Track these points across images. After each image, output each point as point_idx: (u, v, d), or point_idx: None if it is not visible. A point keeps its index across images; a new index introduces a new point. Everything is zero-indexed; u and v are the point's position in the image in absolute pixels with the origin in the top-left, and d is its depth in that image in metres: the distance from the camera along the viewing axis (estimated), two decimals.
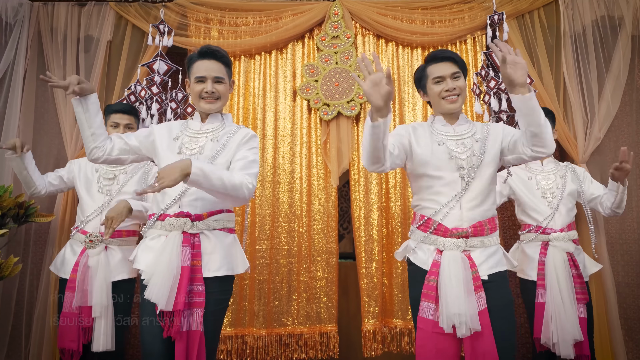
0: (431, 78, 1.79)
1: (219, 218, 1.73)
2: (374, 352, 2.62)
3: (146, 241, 1.70)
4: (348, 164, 2.82)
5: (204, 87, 1.76)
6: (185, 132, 1.80)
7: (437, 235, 1.69)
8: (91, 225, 2.22)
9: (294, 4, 2.96)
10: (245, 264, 1.78)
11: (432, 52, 1.87)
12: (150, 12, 2.93)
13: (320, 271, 2.74)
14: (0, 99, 2.70)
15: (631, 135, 2.93)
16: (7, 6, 2.75)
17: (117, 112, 2.38)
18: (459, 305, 1.57)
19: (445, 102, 1.77)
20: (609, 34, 2.92)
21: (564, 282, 2.25)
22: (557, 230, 2.37)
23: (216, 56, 1.78)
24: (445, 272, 1.62)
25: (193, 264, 1.62)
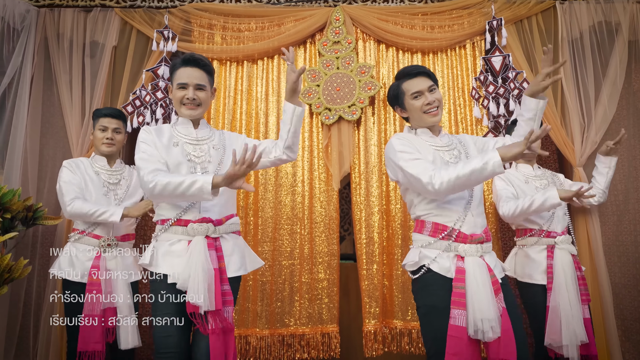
0: (409, 94, 1.84)
1: (233, 222, 1.84)
2: (374, 352, 2.66)
3: (165, 246, 1.74)
4: (349, 167, 2.87)
5: (186, 94, 1.82)
6: (182, 138, 1.85)
7: (458, 242, 1.74)
8: (102, 229, 2.27)
9: (296, 10, 3.01)
10: (256, 262, 1.91)
11: (403, 68, 1.94)
12: (154, 18, 2.98)
13: (322, 273, 2.79)
14: (9, 103, 2.74)
15: (628, 138, 2.97)
16: (14, 13, 2.80)
17: (105, 116, 2.42)
18: (486, 310, 1.62)
19: (427, 116, 1.84)
20: (606, 39, 2.97)
21: (572, 284, 2.30)
22: (560, 233, 2.42)
23: (199, 64, 1.84)
24: (471, 278, 1.67)
25: (220, 266, 1.72)
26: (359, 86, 2.87)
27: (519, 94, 2.83)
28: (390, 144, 1.84)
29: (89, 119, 2.82)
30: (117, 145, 2.43)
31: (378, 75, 2.97)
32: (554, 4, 3.00)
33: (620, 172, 2.93)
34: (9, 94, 2.76)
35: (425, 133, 1.88)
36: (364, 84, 2.88)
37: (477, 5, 2.99)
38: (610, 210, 2.92)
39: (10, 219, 2.34)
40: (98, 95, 2.85)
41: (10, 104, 2.75)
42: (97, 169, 2.37)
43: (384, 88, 2.95)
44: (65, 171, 2.33)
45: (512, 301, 1.75)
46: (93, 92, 2.86)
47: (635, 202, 2.91)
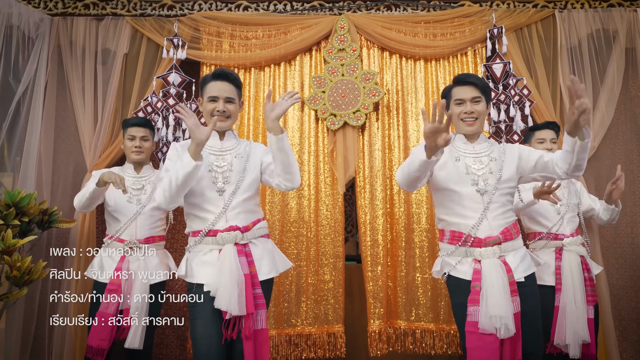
0: (453, 99, 1.94)
1: (260, 226, 1.92)
2: (379, 352, 2.74)
3: (199, 256, 1.84)
4: (354, 172, 2.94)
5: (216, 106, 1.91)
6: (208, 150, 1.93)
7: (474, 247, 1.83)
8: (126, 233, 2.38)
9: (302, 18, 3.09)
10: (286, 263, 2.00)
11: (458, 75, 2.02)
12: (164, 26, 3.06)
13: (327, 274, 2.86)
14: (23, 109, 2.82)
15: (626, 143, 3.06)
16: (29, 21, 2.87)
17: (133, 125, 2.55)
18: (499, 307, 1.70)
19: (462, 124, 1.92)
20: (604, 46, 3.04)
21: (578, 285, 2.37)
22: (568, 235, 2.48)
23: (228, 78, 1.94)
24: (486, 277, 1.76)
25: (251, 271, 1.79)
26: (363, 92, 2.95)
27: (519, 100, 2.91)
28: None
29: (101, 125, 2.91)
30: (145, 152, 2.55)
31: (382, 81, 3.05)
32: (553, 13, 3.08)
33: None
34: (23, 101, 2.83)
35: (460, 139, 1.97)
36: (368, 90, 2.96)
37: (478, 13, 3.07)
38: None
39: (27, 223, 2.41)
40: (110, 102, 2.93)
41: (25, 110, 2.82)
42: (125, 176, 2.47)
43: (387, 94, 3.03)
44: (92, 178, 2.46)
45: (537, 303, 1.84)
46: (105, 99, 2.94)
47: (632, 205, 2.99)
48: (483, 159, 1.90)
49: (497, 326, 1.68)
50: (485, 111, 1.95)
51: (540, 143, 2.58)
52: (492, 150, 1.93)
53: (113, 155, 2.88)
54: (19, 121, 2.81)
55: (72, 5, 3.08)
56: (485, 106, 1.93)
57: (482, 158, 1.90)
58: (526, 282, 1.82)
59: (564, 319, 2.33)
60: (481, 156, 1.91)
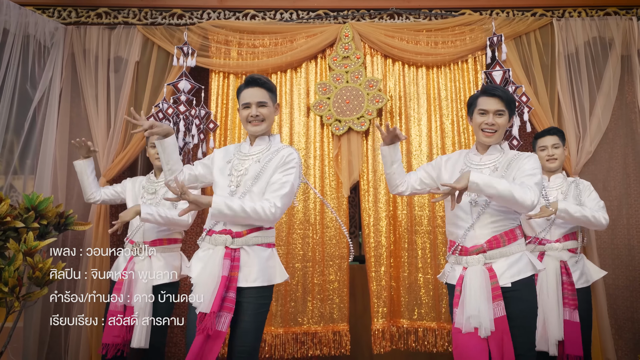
0: (477, 109, 1.99)
1: (257, 235, 1.93)
2: (382, 350, 2.84)
3: (199, 253, 1.95)
4: (358, 176, 3.04)
5: (250, 112, 1.98)
6: (237, 155, 2.03)
7: (462, 255, 1.93)
8: (137, 235, 2.49)
9: (308, 27, 3.19)
10: (284, 275, 1.96)
11: (486, 85, 2.13)
12: (174, 34, 3.16)
13: (332, 274, 2.96)
14: (39, 115, 2.92)
15: (622, 147, 3.15)
16: (45, 31, 2.98)
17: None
18: (474, 308, 1.79)
19: (482, 134, 1.98)
20: (600, 54, 3.14)
21: (554, 288, 2.46)
22: (552, 241, 2.57)
23: (259, 83, 2.00)
24: (466, 283, 1.86)
25: (231, 275, 1.84)
26: (367, 99, 3.05)
27: (518, 106, 3.00)
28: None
29: (114, 131, 3.01)
30: None
31: (385, 88, 3.15)
32: (551, 21, 3.18)
33: (615, 180, 3.11)
34: (39, 107, 2.93)
35: (473, 150, 2.08)
36: (372, 96, 3.06)
37: (479, 22, 3.17)
38: None
39: (45, 225, 2.51)
40: (122, 108, 3.03)
41: (41, 116, 2.93)
42: (144, 182, 2.64)
43: (390, 100, 3.13)
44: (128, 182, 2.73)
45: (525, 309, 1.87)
46: (117, 105, 3.04)
47: (628, 207, 3.08)
48: (485, 171, 1.96)
49: (474, 325, 1.77)
50: (506, 125, 1.98)
51: (542, 150, 2.66)
52: (500, 162, 1.98)
53: (125, 160, 2.99)
54: (35, 127, 2.91)
55: (85, 15, 3.19)
56: (507, 120, 1.97)
57: (484, 170, 1.97)
58: (514, 287, 1.86)
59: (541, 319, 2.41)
60: (483, 168, 1.98)
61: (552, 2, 3.22)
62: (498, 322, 1.78)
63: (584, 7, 3.23)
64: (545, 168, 2.62)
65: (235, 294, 1.83)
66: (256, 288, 1.88)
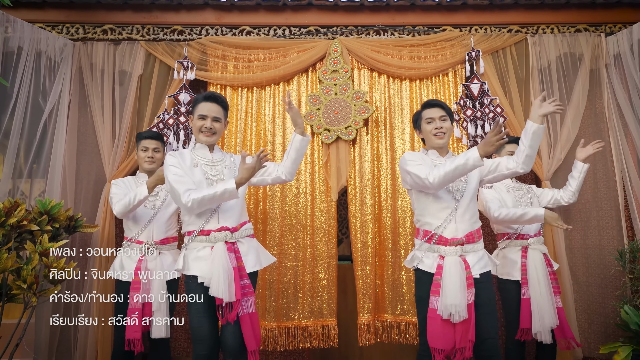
0: (424, 119, 2.33)
1: (247, 227, 2.25)
2: (367, 342, 3.07)
3: (193, 253, 2.15)
4: (346, 181, 3.27)
5: (204, 124, 2.25)
6: (200, 160, 2.27)
7: (439, 244, 2.18)
8: (144, 235, 2.68)
9: (299, 42, 3.42)
10: (269, 259, 2.31)
11: (427, 100, 2.44)
12: (175, 49, 3.39)
13: (322, 273, 3.19)
14: (50, 126, 3.14)
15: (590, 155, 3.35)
16: (55, 47, 3.20)
17: (146, 138, 2.85)
18: (455, 297, 2.04)
19: (434, 138, 2.31)
20: (571, 68, 3.37)
21: (543, 278, 2.69)
22: (533, 235, 2.82)
23: (217, 100, 2.29)
24: (447, 272, 2.11)
25: (239, 265, 2.11)
26: (354, 110, 3.28)
27: (494, 117, 3.24)
28: (403, 156, 2.33)
29: (119, 139, 3.24)
30: (157, 162, 2.83)
31: (371, 100, 3.38)
32: (525, 37, 3.41)
33: (585, 185, 3.32)
34: (50, 118, 3.15)
35: (434, 153, 2.36)
36: (358, 108, 3.29)
37: (458, 38, 3.40)
38: (578, 217, 3.32)
39: (57, 228, 2.74)
40: (127, 118, 3.26)
41: (52, 126, 3.14)
42: (139, 184, 2.78)
43: (376, 111, 3.36)
44: (113, 186, 2.79)
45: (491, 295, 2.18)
46: (122, 116, 3.27)
47: (598, 210, 3.30)
48: None
49: (452, 312, 2.02)
50: (450, 128, 2.35)
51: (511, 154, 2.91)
52: None
53: (130, 166, 3.21)
54: (46, 137, 3.13)
55: (92, 31, 3.41)
56: (450, 124, 2.34)
57: None
58: (481, 278, 2.16)
59: (533, 310, 2.65)
60: None
61: (526, 19, 3.46)
62: (469, 308, 2.04)
63: (556, 24, 3.46)
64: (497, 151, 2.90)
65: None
66: (254, 273, 2.21)
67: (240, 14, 3.46)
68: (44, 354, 2.95)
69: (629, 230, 3.19)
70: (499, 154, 2.97)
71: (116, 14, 3.42)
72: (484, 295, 2.13)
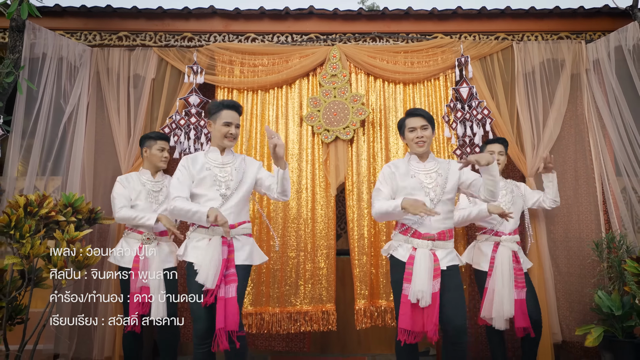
0: (407, 127, 2.57)
1: (245, 227, 2.48)
2: (364, 325, 3.32)
3: (193, 242, 2.41)
4: (344, 178, 3.52)
5: (229, 130, 2.51)
6: (212, 163, 2.52)
7: (413, 237, 2.44)
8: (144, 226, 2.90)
9: (301, 49, 3.68)
10: (262, 258, 2.54)
11: (410, 109, 2.67)
12: (185, 55, 3.65)
13: (322, 262, 3.45)
14: (70, 126, 3.40)
15: (573, 153, 3.62)
16: (74, 53, 3.46)
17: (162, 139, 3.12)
18: (422, 284, 2.30)
19: (415, 146, 2.55)
20: (553, 73, 3.62)
21: (508, 272, 2.95)
22: (506, 234, 3.08)
23: (237, 109, 2.56)
24: (417, 262, 2.37)
25: (229, 257, 2.36)
26: (352, 112, 3.54)
27: (481, 118, 3.49)
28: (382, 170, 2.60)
29: (134, 138, 3.49)
30: (168, 160, 3.11)
31: (367, 102, 3.64)
32: (511, 44, 3.67)
33: (567, 181, 3.57)
34: (70, 119, 3.41)
35: (414, 159, 2.60)
36: (356, 110, 3.55)
37: (449, 45, 3.66)
38: (561, 213, 3.56)
39: (79, 220, 3.00)
40: (140, 119, 3.51)
41: (72, 127, 3.41)
42: (144, 180, 3.04)
43: (372, 113, 3.61)
44: (117, 185, 3.02)
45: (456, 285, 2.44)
46: (136, 117, 3.52)
47: (579, 206, 3.54)
48: (432, 174, 2.52)
49: (419, 298, 2.29)
50: (431, 136, 2.58)
51: (491, 154, 3.15)
52: (440, 167, 2.55)
53: None
54: (66, 137, 3.39)
55: (108, 38, 3.67)
56: (431, 132, 2.57)
57: (432, 174, 2.52)
58: (448, 271, 2.42)
59: (492, 299, 2.92)
60: (430, 172, 2.53)
61: (512, 27, 3.71)
62: (434, 296, 2.32)
63: (540, 32, 3.72)
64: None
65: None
66: (245, 266, 2.44)
67: (246, 22, 3.72)
68: (65, 336, 3.20)
69: (606, 223, 3.44)
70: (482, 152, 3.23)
71: (130, 21, 3.68)
72: (451, 284, 2.39)
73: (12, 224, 2.50)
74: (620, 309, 2.94)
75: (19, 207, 2.60)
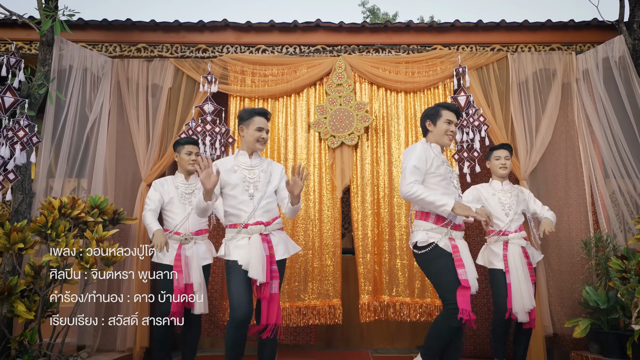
0: (444, 118, 2.67)
1: (278, 222, 2.69)
2: (367, 319, 3.56)
3: (234, 242, 2.60)
4: (349, 181, 3.76)
5: (261, 134, 2.71)
6: (241, 165, 2.72)
7: (453, 229, 2.60)
8: (182, 227, 3.14)
9: (308, 59, 3.91)
10: (296, 248, 2.77)
11: (450, 104, 2.81)
12: (200, 65, 3.88)
13: (328, 260, 3.69)
14: (94, 133, 3.64)
15: (564, 157, 3.84)
16: (97, 64, 3.70)
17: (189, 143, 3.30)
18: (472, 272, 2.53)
19: (446, 137, 2.69)
20: (545, 82, 3.85)
21: (521, 268, 3.16)
22: (512, 232, 3.30)
23: (267, 116, 2.77)
24: (464, 252, 2.57)
25: (271, 253, 2.57)
26: (356, 119, 3.78)
27: (478, 125, 3.72)
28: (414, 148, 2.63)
29: (152, 144, 3.72)
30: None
31: (371, 110, 3.87)
32: (506, 55, 3.90)
33: (558, 184, 3.80)
34: (93, 126, 3.64)
35: (436, 148, 2.72)
36: (360, 117, 3.78)
37: (448, 55, 3.89)
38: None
39: (104, 220, 3.24)
40: (158, 126, 3.75)
41: (95, 133, 3.64)
42: (177, 183, 3.26)
43: (375, 120, 3.85)
44: (151, 189, 3.25)
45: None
46: (154, 124, 3.76)
47: (569, 207, 3.77)
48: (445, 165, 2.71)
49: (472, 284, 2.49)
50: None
51: (497, 160, 3.39)
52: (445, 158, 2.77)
53: (162, 168, 3.71)
54: (90, 143, 3.62)
55: (128, 50, 3.91)
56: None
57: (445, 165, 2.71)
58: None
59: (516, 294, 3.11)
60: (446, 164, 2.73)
61: (507, 39, 3.95)
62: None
63: (533, 43, 3.95)
64: (497, 174, 3.38)
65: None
66: (282, 260, 2.65)
67: (257, 34, 3.96)
68: (91, 328, 3.44)
69: (594, 223, 3.67)
70: (488, 160, 3.45)
71: (149, 34, 3.92)
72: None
73: (49, 224, 2.73)
74: (606, 303, 3.17)
75: (54, 208, 2.84)
